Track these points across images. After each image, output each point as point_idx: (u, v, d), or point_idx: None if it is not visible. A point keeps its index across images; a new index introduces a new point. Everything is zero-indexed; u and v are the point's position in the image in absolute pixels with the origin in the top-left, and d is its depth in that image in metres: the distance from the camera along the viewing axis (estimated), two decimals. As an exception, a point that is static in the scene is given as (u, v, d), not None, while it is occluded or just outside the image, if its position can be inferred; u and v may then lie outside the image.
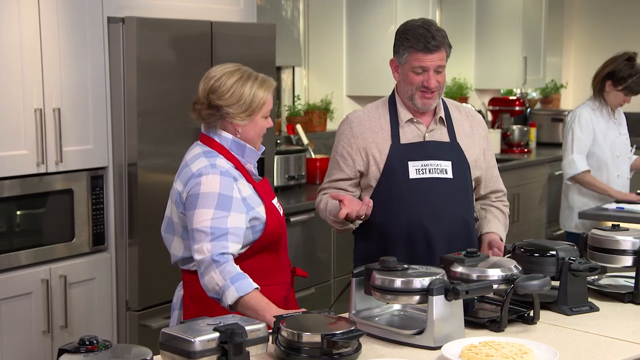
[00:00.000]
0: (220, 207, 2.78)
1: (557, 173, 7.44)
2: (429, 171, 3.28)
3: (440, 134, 3.34)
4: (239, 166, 2.90)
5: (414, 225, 3.27)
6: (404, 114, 3.34)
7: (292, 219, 4.98)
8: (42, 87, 3.83)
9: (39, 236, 3.91)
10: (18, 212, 3.84)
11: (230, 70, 2.89)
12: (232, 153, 2.90)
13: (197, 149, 2.92)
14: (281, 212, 3.01)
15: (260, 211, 2.88)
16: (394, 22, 6.09)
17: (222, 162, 2.86)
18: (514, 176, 7.00)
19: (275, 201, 2.99)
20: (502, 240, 3.36)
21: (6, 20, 3.70)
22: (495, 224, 3.41)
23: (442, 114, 3.35)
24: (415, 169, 3.28)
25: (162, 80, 4.14)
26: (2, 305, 3.77)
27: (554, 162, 7.47)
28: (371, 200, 3.10)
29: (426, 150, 3.30)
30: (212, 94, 2.86)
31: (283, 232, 2.99)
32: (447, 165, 3.29)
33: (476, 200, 3.46)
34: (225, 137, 2.90)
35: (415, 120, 3.34)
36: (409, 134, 3.33)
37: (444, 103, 3.40)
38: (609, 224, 3.48)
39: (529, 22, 7.74)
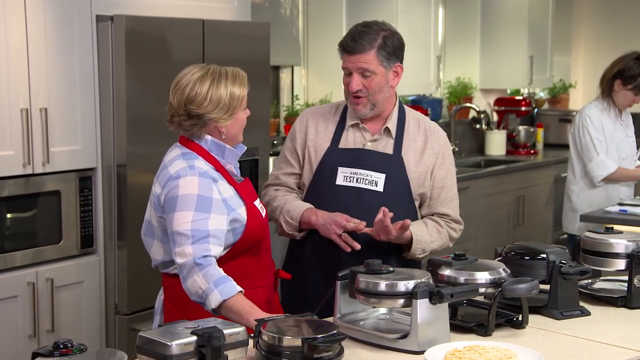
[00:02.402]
0: (200, 208, 2.72)
1: (564, 175, 7.35)
2: (357, 180, 3.18)
3: (384, 145, 3.22)
4: (218, 167, 2.84)
5: None
6: (350, 118, 3.25)
7: (288, 221, 4.91)
8: (28, 86, 3.78)
9: (26, 238, 3.86)
10: (4, 214, 3.79)
11: (199, 75, 2.81)
12: (212, 154, 2.84)
13: (176, 150, 2.87)
14: (263, 214, 2.94)
15: (241, 212, 2.82)
16: (394, 21, 6.01)
17: (201, 164, 2.80)
18: (518, 178, 6.92)
19: (257, 203, 2.93)
20: (414, 238, 3.12)
21: (-9, 19, 3.66)
22: (419, 227, 3.19)
23: (391, 124, 3.23)
24: (344, 176, 3.19)
25: (152, 80, 4.08)
26: (-13, 309, 3.73)
27: (561, 164, 7.37)
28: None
29: (361, 158, 3.20)
30: (190, 104, 2.79)
31: (265, 235, 2.93)
32: (379, 177, 3.17)
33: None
34: (204, 139, 2.84)
35: (361, 126, 3.24)
36: (351, 140, 3.24)
37: (404, 114, 3.28)
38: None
39: (535, 21, 7.65)
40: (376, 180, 3.17)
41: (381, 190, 3.16)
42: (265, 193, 3.35)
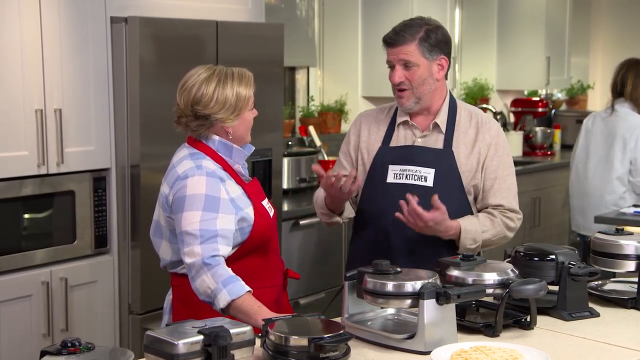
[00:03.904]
0: (208, 208, 2.73)
1: (580, 176, 7.32)
2: (407, 177, 3.20)
3: (435, 141, 3.24)
4: (226, 167, 2.86)
5: (380, 230, 3.22)
6: (400, 116, 3.28)
7: (302, 222, 4.94)
8: (42, 87, 3.81)
9: (40, 238, 3.89)
10: (18, 214, 3.82)
11: (206, 76, 2.83)
12: (220, 154, 2.86)
13: (184, 150, 2.88)
14: (271, 214, 2.95)
15: (249, 212, 2.83)
16: (410, 22, 6.00)
17: (209, 164, 2.81)
18: (535, 179, 6.89)
19: (265, 202, 2.94)
20: (462, 228, 3.11)
21: (7, 20, 3.68)
22: (468, 219, 3.19)
23: (440, 119, 3.24)
24: (394, 173, 3.21)
25: (166, 81, 4.08)
26: (1, 307, 3.75)
27: (578, 165, 7.34)
28: (355, 171, 3.11)
29: (411, 155, 3.22)
30: (197, 105, 2.81)
31: (272, 234, 2.93)
32: (428, 172, 3.18)
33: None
34: (212, 139, 2.86)
35: (410, 123, 3.26)
36: (401, 138, 3.27)
37: (456, 108, 3.29)
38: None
39: (553, 22, 7.62)
40: (425, 176, 3.18)
41: (431, 185, 3.16)
42: (317, 194, 3.40)
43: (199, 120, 2.82)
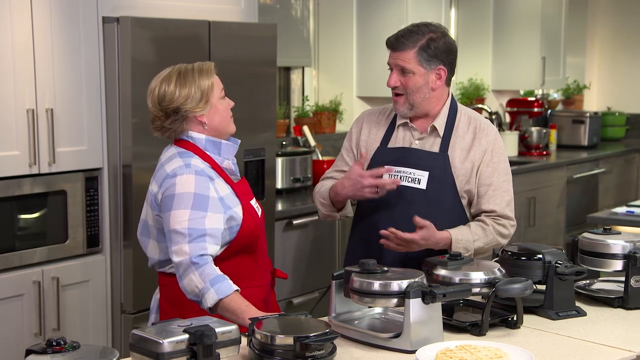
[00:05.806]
0: (197, 207, 2.74)
1: (576, 176, 7.33)
2: (401, 178, 3.21)
3: (432, 144, 3.25)
4: (215, 166, 2.86)
5: (373, 229, 3.23)
6: (400, 118, 3.30)
7: (295, 222, 4.94)
8: (34, 87, 3.81)
9: (32, 238, 3.89)
10: (10, 214, 3.82)
11: (164, 75, 2.88)
12: (208, 153, 2.86)
13: (173, 149, 2.89)
14: (259, 214, 2.96)
15: (238, 211, 2.84)
16: (404, 22, 6.00)
17: (197, 162, 2.82)
18: (530, 179, 6.89)
19: (253, 202, 2.95)
20: (453, 238, 3.12)
21: (-2, 20, 3.69)
22: (459, 229, 3.18)
23: (438, 123, 3.25)
24: (389, 174, 3.22)
25: (158, 81, 4.10)
26: (-7, 307, 3.77)
27: (573, 165, 7.35)
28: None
29: (406, 157, 3.24)
30: (162, 102, 2.84)
31: (260, 234, 2.94)
32: (422, 175, 3.20)
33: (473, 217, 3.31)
34: (198, 138, 2.87)
35: (410, 125, 3.28)
36: (400, 139, 3.29)
37: (456, 112, 3.29)
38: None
39: (548, 22, 7.63)
40: (419, 178, 3.20)
41: (424, 187, 3.19)
42: (317, 186, 3.43)
43: (170, 117, 2.85)
